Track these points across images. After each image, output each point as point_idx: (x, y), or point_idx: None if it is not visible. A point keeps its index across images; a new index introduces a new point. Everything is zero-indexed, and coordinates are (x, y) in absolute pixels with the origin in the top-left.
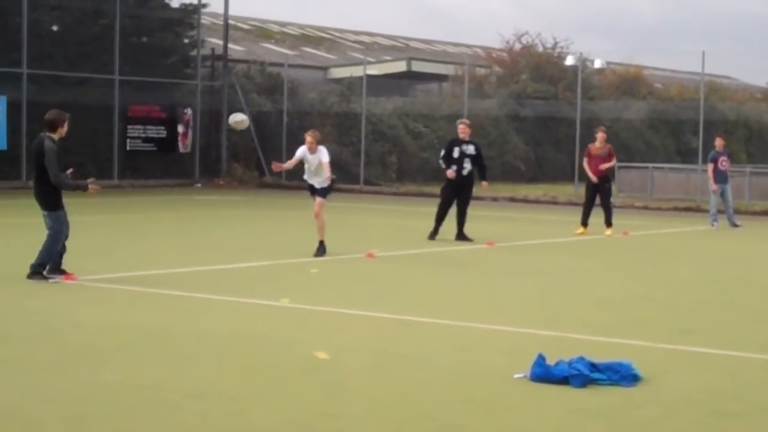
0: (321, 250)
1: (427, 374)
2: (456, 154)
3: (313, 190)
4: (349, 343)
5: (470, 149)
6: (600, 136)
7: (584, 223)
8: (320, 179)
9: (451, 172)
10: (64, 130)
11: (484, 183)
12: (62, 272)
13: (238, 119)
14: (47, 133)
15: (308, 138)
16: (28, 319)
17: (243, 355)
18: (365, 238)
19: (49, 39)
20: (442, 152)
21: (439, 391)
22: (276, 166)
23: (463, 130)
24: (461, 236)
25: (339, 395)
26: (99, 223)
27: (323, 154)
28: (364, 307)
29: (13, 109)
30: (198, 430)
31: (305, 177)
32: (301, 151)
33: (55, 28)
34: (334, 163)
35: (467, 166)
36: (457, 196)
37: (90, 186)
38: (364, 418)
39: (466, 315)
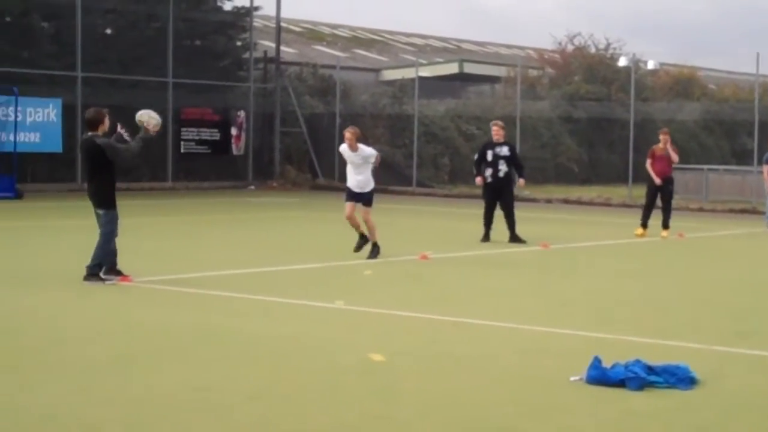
0: (375, 251)
1: (482, 377)
2: (489, 156)
3: (353, 196)
4: (403, 345)
5: (504, 151)
6: (663, 138)
7: (644, 225)
8: (363, 181)
9: (479, 179)
10: (105, 126)
11: (521, 181)
12: (118, 273)
13: (144, 119)
14: (91, 133)
15: (347, 134)
16: (84, 321)
17: (298, 357)
18: (418, 240)
19: (103, 42)
20: (476, 156)
21: (494, 394)
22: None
23: (496, 132)
24: (514, 238)
25: (393, 397)
26: (153, 224)
27: (370, 156)
28: (419, 309)
29: (68, 111)
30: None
31: (348, 183)
32: (342, 151)
33: (108, 31)
34: (386, 166)
35: (502, 167)
36: (498, 198)
37: (146, 128)
38: (418, 421)
39: (521, 317)
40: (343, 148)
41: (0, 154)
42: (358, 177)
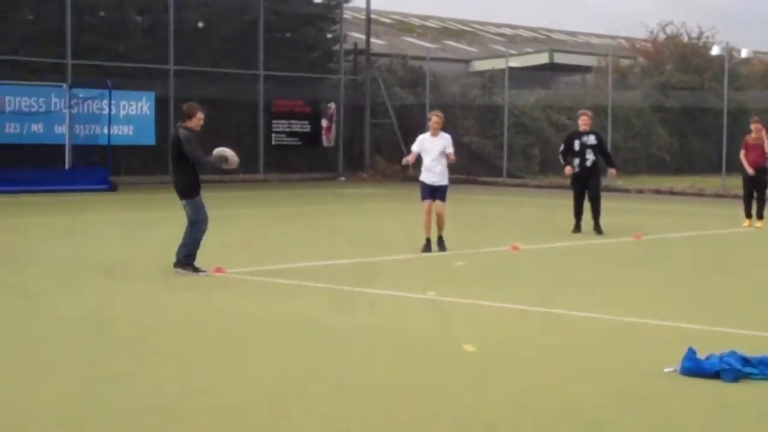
0: (444, 243)
1: (575, 367)
2: (577, 146)
3: (430, 192)
4: (495, 335)
5: (591, 140)
6: (755, 127)
7: (748, 215)
8: (441, 172)
9: (569, 169)
10: (197, 120)
11: (612, 171)
12: (188, 265)
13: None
14: (182, 124)
15: (435, 117)
16: (179, 312)
17: (389, 348)
18: (509, 231)
19: (194, 36)
20: (561, 147)
21: (588, 385)
22: (406, 161)
23: (584, 121)
24: (597, 228)
25: (487, 388)
26: (245, 216)
27: (448, 142)
28: (510, 300)
29: (161, 104)
30: (346, 422)
31: (422, 177)
32: (420, 140)
33: (200, 24)
34: (476, 156)
35: (590, 156)
36: (586, 187)
37: (228, 155)
38: (513, 411)
39: (613, 308)
40: (423, 138)
41: (94, 146)
42: (437, 168)
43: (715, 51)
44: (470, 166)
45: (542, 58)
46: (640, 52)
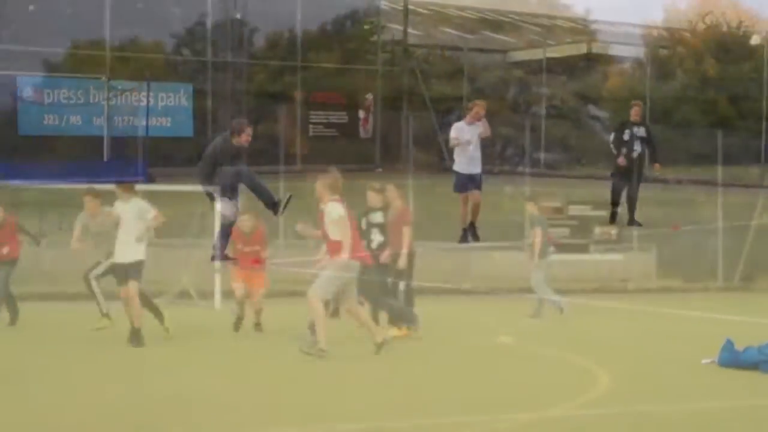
0: (475, 232)
1: (612, 359)
2: (627, 136)
3: (466, 182)
4: (533, 327)
5: (641, 131)
6: None
7: None
8: (477, 159)
9: (622, 160)
10: (246, 137)
11: (657, 165)
12: (227, 258)
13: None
14: (230, 137)
15: (477, 108)
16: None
17: (428, 339)
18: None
19: (232, 27)
20: (612, 136)
21: (625, 376)
22: (454, 143)
23: (636, 112)
24: (632, 221)
25: (522, 379)
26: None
27: (483, 127)
28: (549, 292)
29: (199, 96)
30: (382, 409)
31: (456, 167)
32: (458, 127)
33: (238, 16)
34: (513, 147)
35: (638, 148)
36: (628, 179)
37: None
38: (550, 403)
39: (651, 299)
40: (460, 126)
41: (132, 138)
42: (473, 156)
43: (754, 41)
44: (507, 157)
45: (581, 49)
46: (679, 43)
